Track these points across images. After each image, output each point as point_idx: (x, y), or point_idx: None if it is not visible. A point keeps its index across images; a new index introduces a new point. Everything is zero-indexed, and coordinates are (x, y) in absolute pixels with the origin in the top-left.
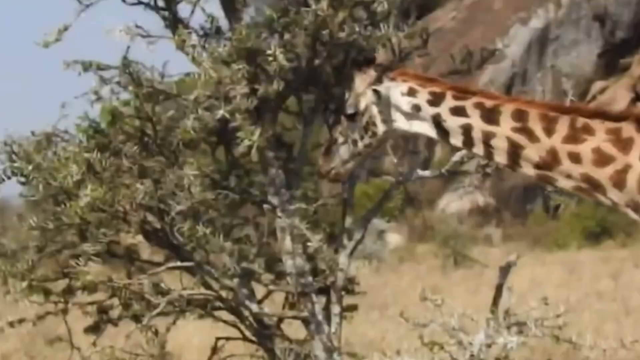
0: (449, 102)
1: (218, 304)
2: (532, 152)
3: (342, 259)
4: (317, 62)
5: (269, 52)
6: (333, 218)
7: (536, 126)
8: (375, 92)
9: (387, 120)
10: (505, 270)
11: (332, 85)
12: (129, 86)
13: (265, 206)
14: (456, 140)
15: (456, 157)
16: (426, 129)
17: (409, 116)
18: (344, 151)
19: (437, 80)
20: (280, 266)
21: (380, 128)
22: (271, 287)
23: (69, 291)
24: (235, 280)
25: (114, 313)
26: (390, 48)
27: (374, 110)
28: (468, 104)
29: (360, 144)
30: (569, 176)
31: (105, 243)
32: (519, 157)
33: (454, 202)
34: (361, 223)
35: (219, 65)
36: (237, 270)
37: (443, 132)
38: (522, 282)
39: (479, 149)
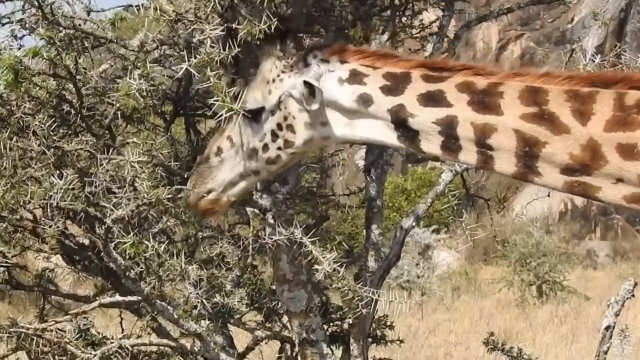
0: (418, 85)
1: (179, 359)
2: (558, 149)
3: (367, 288)
4: None
5: None
6: (352, 227)
7: (562, 109)
8: (306, 83)
9: (314, 123)
10: (616, 304)
11: (349, 24)
12: (39, 27)
13: (250, 209)
14: (431, 144)
15: None
16: (380, 131)
17: (351, 114)
18: (231, 166)
19: (396, 56)
20: (272, 301)
21: (301, 135)
22: (259, 332)
23: None
24: (204, 322)
25: None
26: None
27: (293, 107)
28: (448, 85)
29: (261, 157)
30: (620, 180)
31: (5, 268)
32: (535, 160)
33: (536, 202)
34: (395, 234)
35: None
36: (206, 307)
37: (409, 134)
38: None
39: (468, 155)
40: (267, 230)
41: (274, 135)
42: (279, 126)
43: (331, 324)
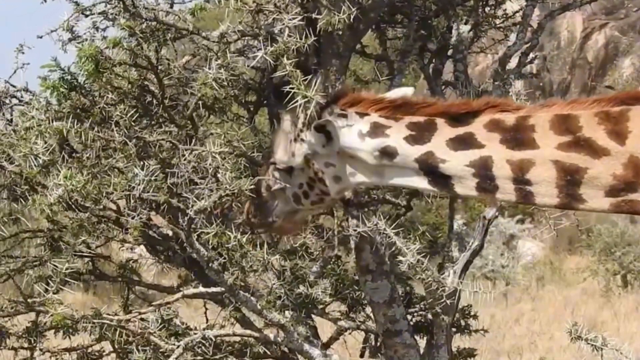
0: (445, 131)
1: (262, 349)
2: (601, 173)
3: (451, 279)
4: None
5: None
6: (437, 217)
7: (596, 133)
8: (321, 129)
9: (342, 175)
10: None
11: (433, 14)
12: (121, 18)
13: None
14: (465, 187)
15: None
16: (409, 178)
17: (376, 167)
18: (284, 201)
19: (414, 103)
20: (355, 291)
21: (333, 187)
22: (342, 323)
23: (35, 332)
24: (288, 313)
25: None
26: None
27: (320, 164)
28: (476, 126)
29: (305, 201)
30: None
31: (89, 259)
32: (578, 187)
33: None
34: (479, 224)
35: None
36: (290, 298)
37: (440, 179)
38: None
39: (507, 193)
40: (351, 222)
41: (310, 186)
42: (312, 179)
43: (415, 314)
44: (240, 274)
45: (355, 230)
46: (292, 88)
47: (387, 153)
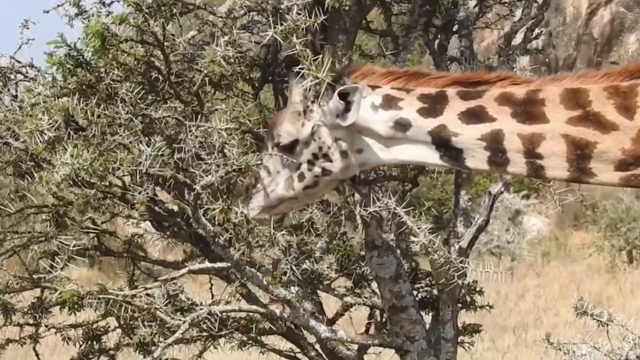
0: (456, 104)
1: (267, 325)
2: (610, 147)
3: (456, 255)
4: None
5: None
6: (442, 192)
7: (606, 107)
8: (344, 96)
9: (350, 151)
10: None
11: None
12: None
13: None
14: (476, 160)
15: None
16: (420, 153)
17: (388, 140)
18: (268, 193)
19: (426, 74)
20: (361, 267)
21: (338, 163)
22: (348, 299)
23: (40, 308)
24: (294, 289)
25: (110, 340)
26: None
27: (328, 137)
28: (487, 100)
29: (298, 185)
30: None
31: (95, 235)
32: (588, 161)
33: None
34: (484, 200)
35: None
36: (295, 273)
37: (452, 153)
38: None
39: (518, 166)
40: (358, 199)
41: (311, 164)
42: (315, 156)
43: (421, 289)
44: (246, 249)
45: (366, 210)
46: (302, 68)
47: (402, 124)
